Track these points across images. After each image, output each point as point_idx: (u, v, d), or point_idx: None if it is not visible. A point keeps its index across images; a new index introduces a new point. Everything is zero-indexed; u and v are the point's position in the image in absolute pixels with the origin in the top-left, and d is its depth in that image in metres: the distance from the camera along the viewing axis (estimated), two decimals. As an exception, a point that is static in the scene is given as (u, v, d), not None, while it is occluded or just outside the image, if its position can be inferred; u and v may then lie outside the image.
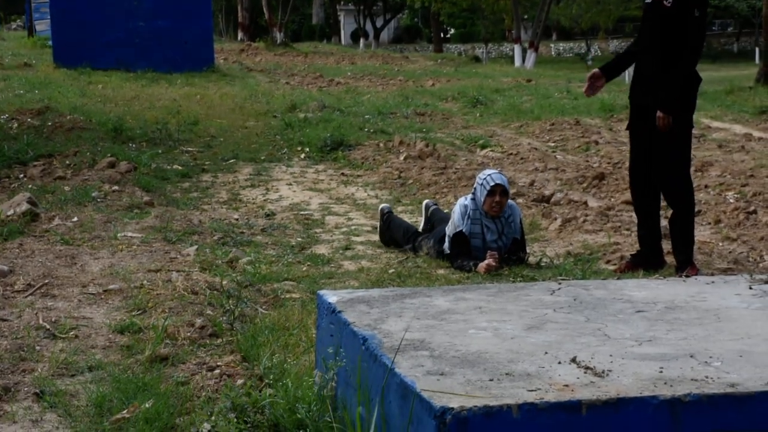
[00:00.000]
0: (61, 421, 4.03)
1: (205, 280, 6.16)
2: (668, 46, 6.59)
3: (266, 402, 3.93)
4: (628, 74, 7.73)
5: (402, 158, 11.99)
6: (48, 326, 5.16)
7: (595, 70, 7.14)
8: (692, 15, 6.51)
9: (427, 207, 7.94)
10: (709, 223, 8.47)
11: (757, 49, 47.33)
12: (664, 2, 6.59)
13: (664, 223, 7.18)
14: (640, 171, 6.89)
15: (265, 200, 9.76)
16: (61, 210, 8.34)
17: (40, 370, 4.55)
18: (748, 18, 62.74)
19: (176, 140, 12.85)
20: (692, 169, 10.66)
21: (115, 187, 9.45)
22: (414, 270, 6.94)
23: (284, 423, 3.77)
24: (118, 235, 7.51)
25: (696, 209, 8.61)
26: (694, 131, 6.96)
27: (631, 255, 7.03)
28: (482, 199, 7.01)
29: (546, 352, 3.25)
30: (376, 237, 7.99)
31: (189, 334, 5.11)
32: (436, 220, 7.69)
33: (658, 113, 6.54)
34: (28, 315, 5.37)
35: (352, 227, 8.55)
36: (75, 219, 7.99)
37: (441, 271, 6.93)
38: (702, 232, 8.00)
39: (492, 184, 6.97)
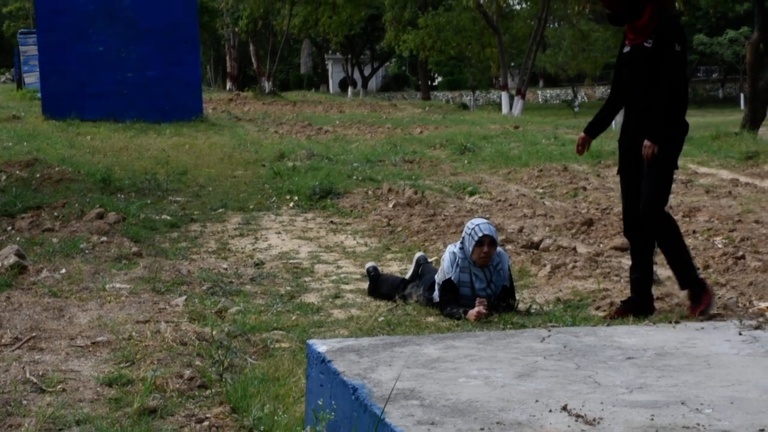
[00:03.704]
0: (49, 476, 3.98)
1: (194, 331, 6.12)
2: (655, 86, 6.61)
3: (256, 454, 3.89)
4: (615, 121, 7.79)
5: (391, 206, 12.00)
6: (35, 380, 5.11)
7: (581, 134, 7.25)
8: (673, 50, 6.56)
9: (419, 262, 7.91)
10: (698, 269, 8.47)
11: (742, 95, 47.79)
12: (645, 44, 6.64)
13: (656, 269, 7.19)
14: (632, 213, 6.90)
15: (254, 249, 9.75)
16: (49, 262, 8.30)
17: (27, 425, 4.50)
18: (733, 64, 63.41)
19: (165, 190, 12.85)
20: (680, 214, 10.73)
21: (104, 238, 9.42)
22: (404, 318, 6.92)
23: (274, 475, 3.73)
24: (107, 286, 7.48)
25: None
26: (681, 176, 6.99)
27: (621, 301, 7.03)
28: (471, 249, 7.01)
29: (537, 400, 3.23)
30: (365, 285, 7.97)
31: (178, 385, 5.07)
32: (425, 272, 7.69)
33: (645, 142, 6.56)
34: (15, 369, 5.32)
35: (342, 275, 8.54)
36: (63, 271, 7.95)
37: (431, 319, 6.91)
38: (691, 277, 7.99)
39: (480, 234, 6.98)
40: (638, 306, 6.85)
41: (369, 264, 8.20)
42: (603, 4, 6.82)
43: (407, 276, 7.85)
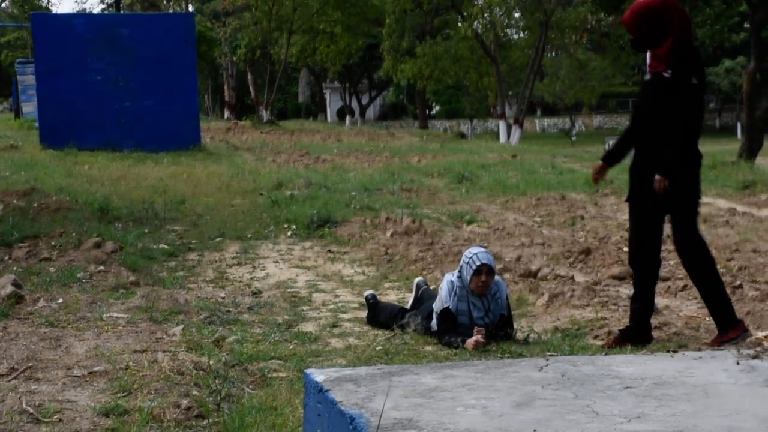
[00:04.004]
0: (44, 507, 3.96)
1: (191, 360, 6.11)
2: (669, 117, 6.62)
3: (253, 484, 3.88)
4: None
5: (389, 234, 12.00)
6: (31, 410, 5.09)
7: (599, 162, 7.19)
8: (690, 82, 6.57)
9: (419, 286, 7.92)
10: (696, 298, 8.45)
11: (738, 125, 47.96)
12: (664, 74, 6.65)
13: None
14: (638, 243, 6.89)
15: (251, 278, 9.74)
16: (46, 291, 8.28)
17: (23, 454, 4.48)
18: (730, 94, 63.68)
19: (163, 219, 12.85)
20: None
21: (101, 268, 9.41)
22: (401, 347, 6.91)
23: (271, 506, 3.71)
24: (104, 315, 7.46)
25: (682, 283, 8.64)
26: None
27: (619, 330, 7.02)
28: (468, 278, 7.01)
29: (535, 430, 3.22)
30: (363, 313, 7.97)
31: (175, 415, 5.05)
32: (425, 298, 7.69)
33: (656, 176, 6.57)
34: (11, 399, 5.30)
35: (339, 304, 8.53)
36: (60, 300, 7.94)
37: (429, 348, 6.90)
38: (689, 307, 8.01)
39: (478, 263, 6.98)
40: (636, 335, 6.84)
41: (368, 292, 8.19)
42: (626, 29, 6.84)
43: (408, 305, 7.84)
